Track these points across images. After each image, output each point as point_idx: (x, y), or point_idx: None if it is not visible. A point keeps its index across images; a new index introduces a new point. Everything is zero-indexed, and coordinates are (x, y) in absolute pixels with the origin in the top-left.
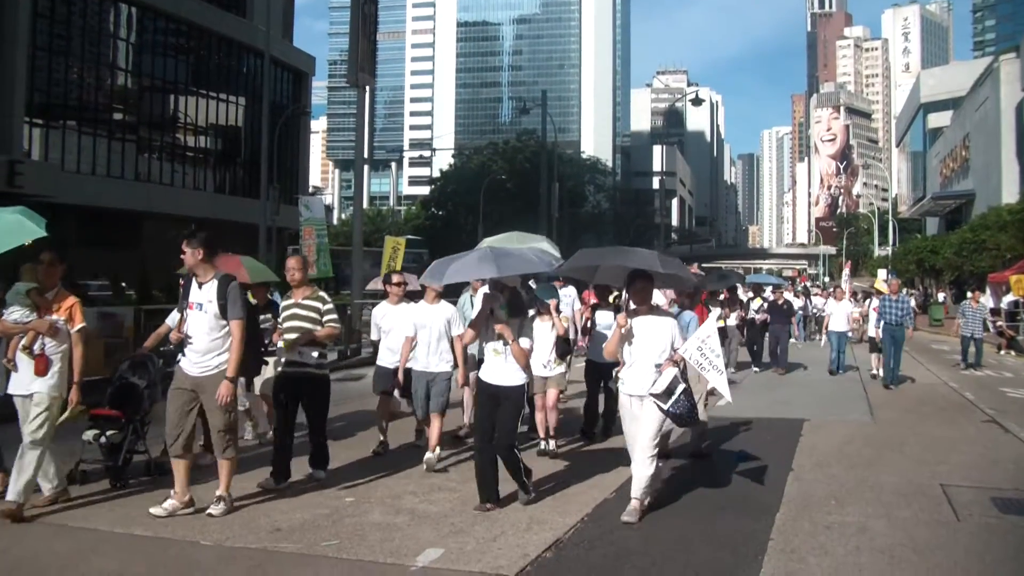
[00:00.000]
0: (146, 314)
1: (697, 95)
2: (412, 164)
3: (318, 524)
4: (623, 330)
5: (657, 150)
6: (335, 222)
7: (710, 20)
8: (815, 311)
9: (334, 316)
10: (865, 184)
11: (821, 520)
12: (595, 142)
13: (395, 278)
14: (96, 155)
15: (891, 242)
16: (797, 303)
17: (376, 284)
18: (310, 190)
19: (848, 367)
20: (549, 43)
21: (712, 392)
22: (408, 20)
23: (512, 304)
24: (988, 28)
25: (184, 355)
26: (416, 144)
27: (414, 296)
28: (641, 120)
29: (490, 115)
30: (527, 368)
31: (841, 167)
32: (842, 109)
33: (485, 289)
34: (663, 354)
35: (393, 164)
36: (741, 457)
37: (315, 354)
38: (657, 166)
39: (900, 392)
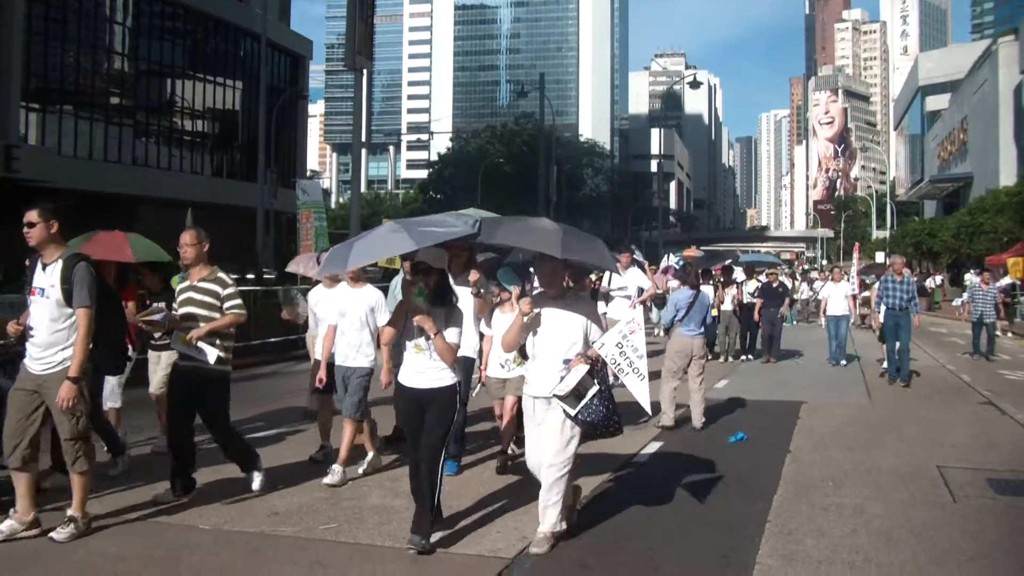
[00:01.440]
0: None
1: (695, 78)
2: (410, 148)
3: (316, 508)
4: (525, 318)
5: (655, 133)
6: (333, 206)
7: (708, 2)
8: (813, 294)
9: (237, 301)
10: (863, 167)
11: (819, 502)
12: (593, 125)
13: None
14: (93, 140)
15: (889, 225)
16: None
17: (295, 265)
18: (308, 174)
19: (849, 356)
20: (547, 26)
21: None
22: (405, 3)
23: (436, 291)
24: (986, 11)
25: (27, 351)
26: (414, 128)
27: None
28: (639, 103)
29: (488, 98)
30: (454, 366)
31: (839, 150)
32: (840, 92)
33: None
34: (573, 348)
35: (391, 148)
36: (739, 439)
37: (213, 347)
38: (655, 149)
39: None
